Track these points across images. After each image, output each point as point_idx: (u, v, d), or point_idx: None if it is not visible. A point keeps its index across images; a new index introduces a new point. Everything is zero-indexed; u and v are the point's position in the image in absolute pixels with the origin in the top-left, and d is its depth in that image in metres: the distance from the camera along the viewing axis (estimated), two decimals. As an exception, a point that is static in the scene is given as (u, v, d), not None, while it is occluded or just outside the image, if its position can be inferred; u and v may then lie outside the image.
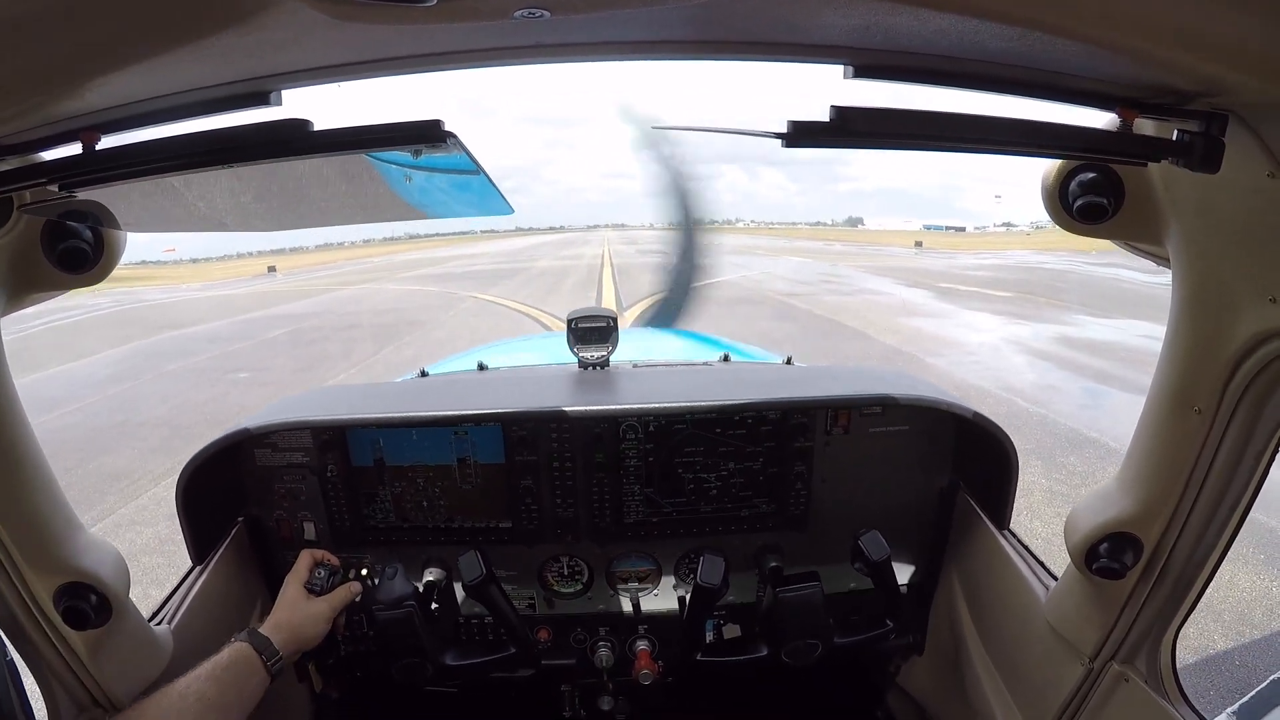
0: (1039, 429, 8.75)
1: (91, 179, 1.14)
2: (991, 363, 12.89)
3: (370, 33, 0.94)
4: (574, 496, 2.24)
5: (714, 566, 1.99)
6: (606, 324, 2.64)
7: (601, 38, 1.05)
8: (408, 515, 2.25)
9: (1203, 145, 1.07)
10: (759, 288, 27.35)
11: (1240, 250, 1.21)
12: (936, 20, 0.87)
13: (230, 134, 1.09)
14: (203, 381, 13.43)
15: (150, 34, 0.85)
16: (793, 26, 1.00)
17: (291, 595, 1.93)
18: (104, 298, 32.21)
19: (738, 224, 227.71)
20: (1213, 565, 1.48)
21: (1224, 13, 0.80)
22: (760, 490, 2.25)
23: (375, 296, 29.05)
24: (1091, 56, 0.96)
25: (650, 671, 2.15)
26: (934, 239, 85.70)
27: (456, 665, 2.09)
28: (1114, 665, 1.64)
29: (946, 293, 24.09)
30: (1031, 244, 59.51)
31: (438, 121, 1.03)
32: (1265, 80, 0.94)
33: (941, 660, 2.36)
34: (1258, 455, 1.35)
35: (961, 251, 54.24)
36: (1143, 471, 1.48)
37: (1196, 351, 1.32)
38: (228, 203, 1.47)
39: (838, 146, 1.04)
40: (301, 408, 2.31)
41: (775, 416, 2.20)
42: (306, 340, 18.05)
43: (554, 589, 2.33)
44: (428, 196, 1.44)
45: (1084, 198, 1.39)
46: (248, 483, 2.23)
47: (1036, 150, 1.19)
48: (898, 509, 2.27)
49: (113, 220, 1.48)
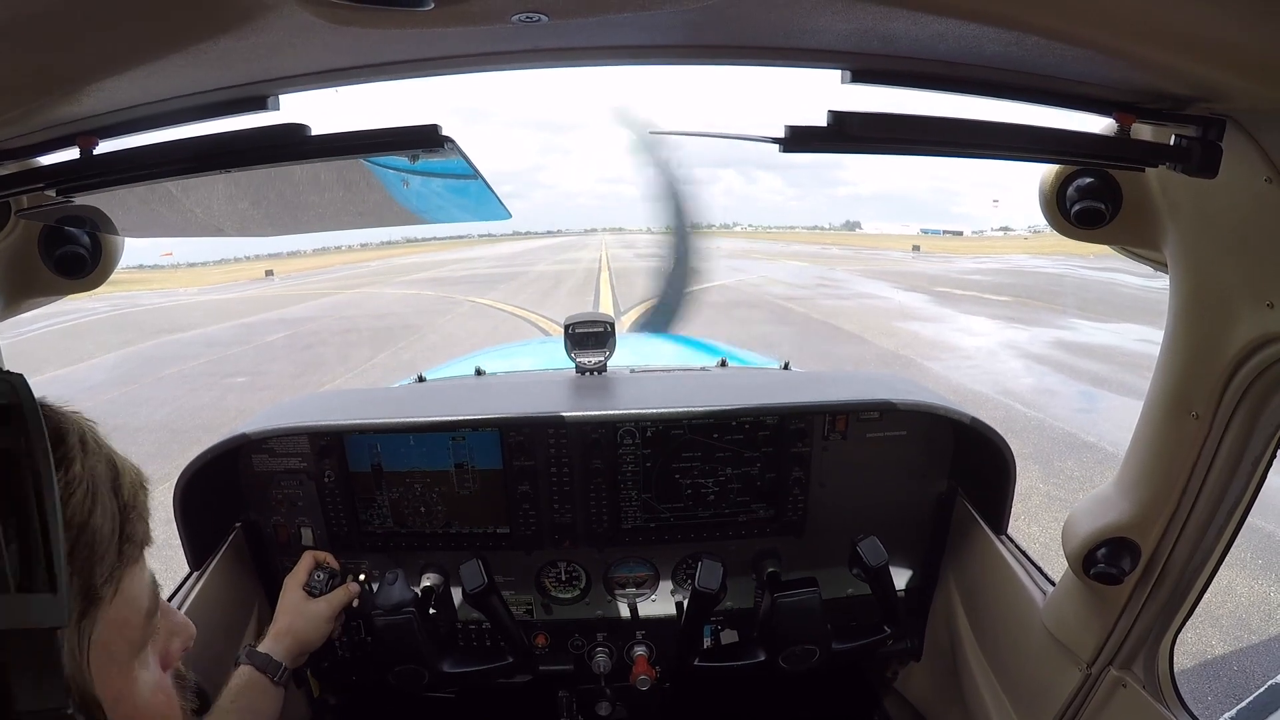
0: (1036, 433, 8.75)
1: (89, 184, 1.13)
2: (989, 367, 12.91)
3: (367, 37, 0.94)
4: (571, 502, 2.23)
5: (712, 571, 1.98)
6: (604, 329, 2.64)
7: (599, 42, 1.05)
8: (405, 521, 2.24)
9: (1200, 150, 1.07)
10: (756, 292, 27.37)
11: (1237, 255, 1.21)
12: (934, 25, 0.87)
13: (227, 139, 1.09)
14: (200, 386, 13.39)
15: (147, 39, 0.85)
16: (790, 31, 1.00)
17: (292, 599, 1.93)
18: (101, 302, 32.14)
19: (735, 228, 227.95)
20: (1210, 570, 1.48)
21: (1222, 18, 0.80)
22: (758, 495, 2.25)
23: (372, 301, 29.03)
24: (1089, 61, 0.96)
25: (648, 677, 2.14)
26: (931, 243, 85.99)
27: (454, 672, 2.09)
28: (1112, 670, 1.64)
29: (944, 297, 24.13)
30: (1029, 248, 59.74)
31: (435, 126, 1.03)
32: (1263, 85, 0.94)
33: (939, 666, 2.36)
34: (1255, 460, 1.35)
35: (959, 256, 54.36)
36: (1140, 476, 1.48)
37: (1194, 356, 1.32)
38: (225, 208, 1.47)
39: (835, 151, 1.04)
40: (299, 413, 2.30)
41: (773, 421, 2.20)
42: (304, 344, 18.01)
43: (552, 594, 2.32)
44: (425, 201, 1.44)
45: (1081, 203, 1.39)
46: (245, 488, 2.22)
47: (1034, 155, 1.19)
48: (895, 514, 2.27)
49: (110, 225, 1.48)
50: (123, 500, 0.75)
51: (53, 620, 0.61)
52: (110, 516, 0.73)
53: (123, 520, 0.75)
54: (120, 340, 20.34)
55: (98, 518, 0.72)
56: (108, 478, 0.74)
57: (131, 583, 0.77)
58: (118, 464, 0.77)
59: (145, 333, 21.87)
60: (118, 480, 0.75)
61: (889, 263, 45.49)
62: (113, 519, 0.74)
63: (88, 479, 0.71)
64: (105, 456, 0.75)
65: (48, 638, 0.61)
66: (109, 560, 0.73)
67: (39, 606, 0.61)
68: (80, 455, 0.72)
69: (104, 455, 0.75)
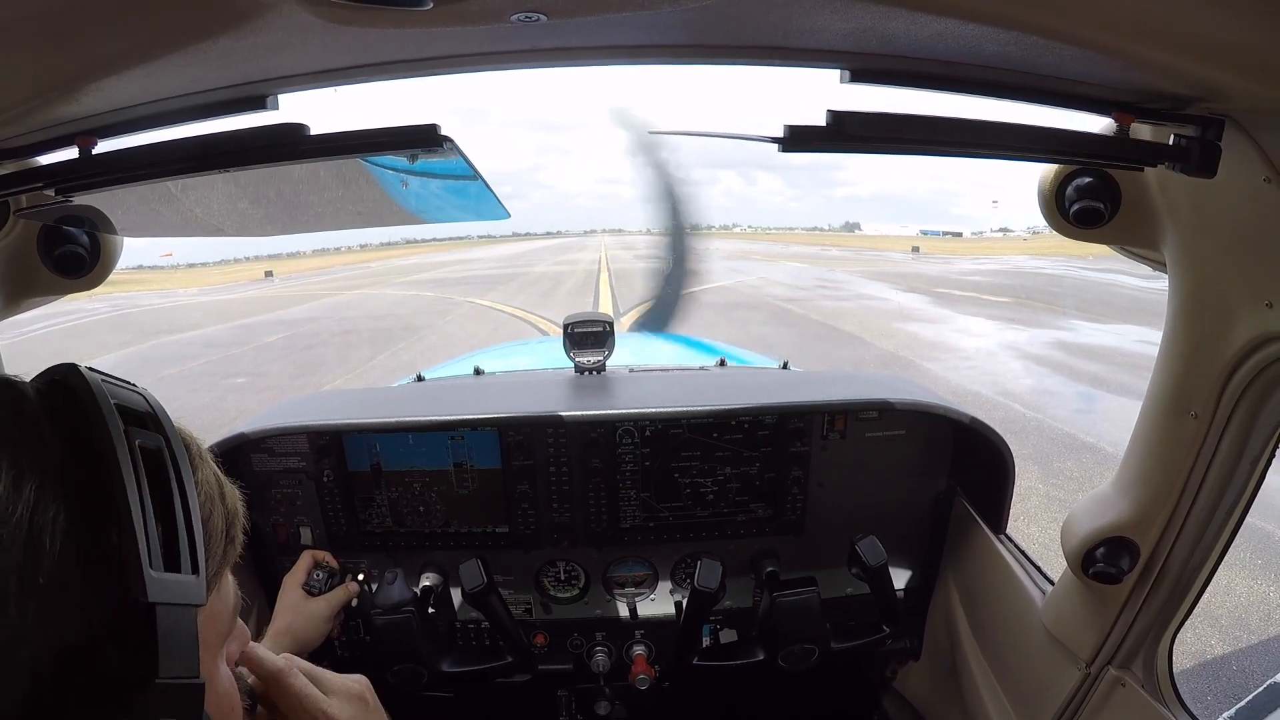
0: (1036, 434, 8.76)
1: (88, 183, 1.13)
2: (988, 368, 12.91)
3: (366, 37, 0.94)
4: (570, 501, 2.23)
5: (711, 570, 1.98)
6: (603, 329, 2.64)
7: (598, 42, 1.05)
8: (404, 520, 2.24)
9: (1199, 150, 1.07)
10: (756, 293, 27.37)
11: (1236, 255, 1.21)
12: (933, 24, 0.87)
13: (226, 138, 1.09)
14: (199, 387, 13.40)
15: (146, 38, 0.85)
16: (789, 31, 1.00)
17: (291, 598, 1.93)
18: (101, 302, 32.13)
19: (735, 229, 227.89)
20: (1209, 570, 1.48)
21: (1221, 18, 0.80)
22: (757, 495, 2.25)
23: (372, 301, 28.99)
24: (1088, 61, 0.96)
25: (647, 676, 2.15)
26: (931, 244, 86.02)
27: (453, 671, 2.09)
28: (1111, 670, 1.64)
29: (943, 298, 24.13)
30: (1028, 249, 59.73)
31: (434, 126, 1.03)
32: (1262, 85, 0.94)
33: (938, 665, 2.36)
34: (1254, 460, 1.35)
35: (958, 256, 54.34)
36: (1139, 476, 1.48)
37: (1193, 356, 1.32)
38: (224, 207, 1.47)
39: (834, 151, 1.04)
40: (298, 413, 2.30)
41: (772, 421, 2.20)
42: (303, 345, 18.01)
43: (550, 594, 2.32)
44: (424, 201, 1.44)
45: (1080, 202, 1.39)
46: (244, 488, 2.22)
47: (1033, 155, 1.19)
48: (894, 514, 2.27)
49: (109, 225, 1.48)
50: (228, 506, 0.84)
51: (194, 598, 0.69)
52: (222, 518, 0.82)
53: (229, 524, 0.83)
54: (120, 341, 20.35)
55: (215, 518, 0.80)
56: (216, 485, 0.83)
57: (226, 581, 0.85)
58: (221, 476, 0.85)
59: (145, 333, 21.86)
60: (223, 489, 0.84)
61: (888, 264, 45.48)
62: (224, 520, 0.82)
63: (205, 484, 0.79)
64: (212, 468, 0.84)
65: (189, 615, 0.68)
66: (217, 557, 0.81)
67: (184, 586, 0.68)
68: (200, 464, 0.80)
69: (211, 467, 0.84)
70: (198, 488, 0.76)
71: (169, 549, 0.68)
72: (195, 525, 0.71)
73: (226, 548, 0.82)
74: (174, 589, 0.66)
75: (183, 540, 0.69)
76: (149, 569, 0.64)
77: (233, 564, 0.85)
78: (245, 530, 0.87)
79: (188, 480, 0.73)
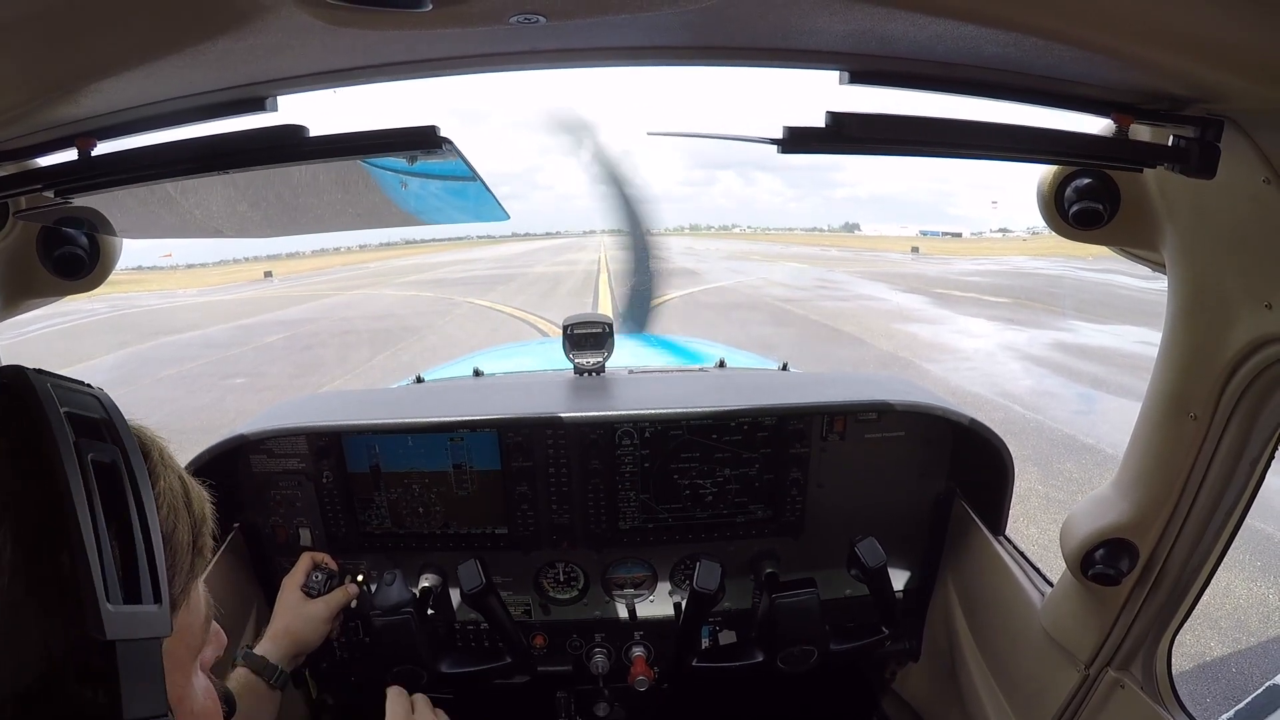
0: (1035, 435, 8.76)
1: (87, 185, 1.13)
2: (987, 369, 12.91)
3: (365, 38, 0.94)
4: (570, 503, 2.23)
5: (710, 572, 1.98)
6: (602, 330, 2.64)
7: (597, 43, 1.05)
8: (403, 521, 2.24)
9: (1198, 151, 1.07)
10: (756, 293, 27.37)
11: (1236, 256, 1.21)
12: (932, 26, 0.87)
13: (226, 140, 1.09)
14: (199, 387, 13.38)
15: (146, 40, 0.85)
16: (788, 32, 1.00)
17: (290, 599, 1.93)
18: (100, 303, 32.09)
19: (734, 229, 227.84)
20: (1209, 571, 1.48)
21: (1221, 18, 0.80)
22: (756, 496, 2.25)
23: (371, 302, 28.98)
24: (1087, 62, 0.96)
25: (646, 678, 2.15)
26: (930, 245, 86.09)
27: (452, 673, 2.09)
28: (1110, 672, 1.64)
29: (942, 298, 24.13)
30: (1028, 249, 59.74)
31: (433, 127, 1.03)
32: (1261, 86, 0.94)
33: (937, 666, 2.36)
34: (1253, 461, 1.35)
35: (958, 257, 54.35)
36: (1139, 477, 1.48)
37: (1192, 357, 1.32)
38: (223, 209, 1.47)
39: (834, 152, 1.04)
40: (297, 414, 2.30)
41: (771, 422, 2.19)
42: (302, 345, 18.01)
43: (550, 595, 2.32)
44: (423, 203, 1.44)
45: (1079, 203, 1.39)
46: (243, 489, 2.22)
47: (1032, 156, 1.19)
48: (894, 515, 2.27)
49: (108, 226, 1.47)
50: (194, 515, 0.78)
51: (159, 630, 0.64)
52: (188, 529, 0.76)
53: (195, 534, 0.78)
54: (119, 341, 20.34)
55: (180, 532, 0.75)
56: (181, 493, 0.77)
57: (196, 592, 0.80)
58: (186, 480, 0.80)
59: (144, 334, 21.85)
60: (189, 495, 0.78)
61: (888, 264, 45.49)
62: (189, 532, 0.76)
63: (169, 494, 0.74)
64: (177, 472, 0.78)
65: (153, 647, 0.63)
66: (185, 572, 0.76)
67: (146, 618, 0.63)
68: (163, 471, 0.75)
69: (175, 471, 0.78)
70: (160, 499, 0.71)
71: (129, 575, 0.63)
72: (156, 547, 0.66)
73: (194, 560, 0.77)
74: (134, 623, 0.61)
75: (143, 566, 0.64)
76: (105, 604, 0.59)
77: (204, 569, 0.80)
78: (214, 534, 0.82)
79: (146, 496, 0.67)
